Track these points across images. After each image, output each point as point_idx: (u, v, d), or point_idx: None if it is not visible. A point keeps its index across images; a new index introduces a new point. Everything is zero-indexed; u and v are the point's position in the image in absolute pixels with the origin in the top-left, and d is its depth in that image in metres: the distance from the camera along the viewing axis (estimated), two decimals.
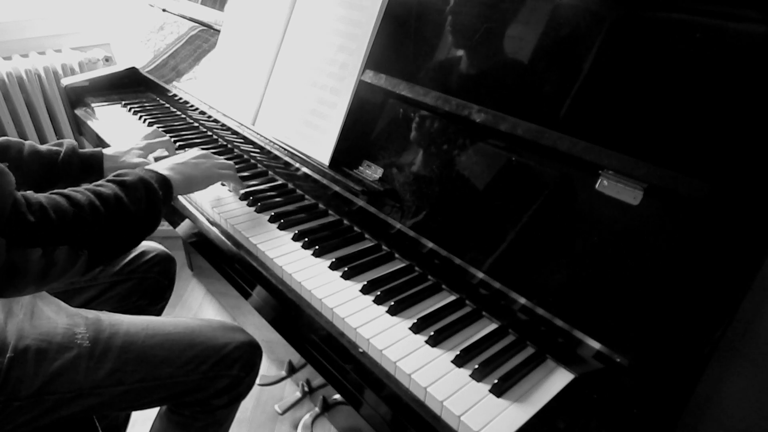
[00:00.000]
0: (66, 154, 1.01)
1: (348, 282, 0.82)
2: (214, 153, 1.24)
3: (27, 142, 1.00)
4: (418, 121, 0.88)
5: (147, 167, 0.87)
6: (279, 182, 1.13)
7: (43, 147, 1.02)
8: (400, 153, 0.89)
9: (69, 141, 1.05)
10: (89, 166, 1.04)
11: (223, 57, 1.25)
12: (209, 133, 1.36)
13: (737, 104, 0.58)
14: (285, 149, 1.04)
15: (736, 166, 0.57)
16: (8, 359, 0.74)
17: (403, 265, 0.87)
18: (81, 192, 0.71)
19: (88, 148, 1.07)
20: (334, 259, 0.85)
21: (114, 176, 0.78)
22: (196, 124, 1.42)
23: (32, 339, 0.78)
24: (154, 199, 0.80)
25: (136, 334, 0.86)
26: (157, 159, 1.17)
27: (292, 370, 1.53)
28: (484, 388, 0.64)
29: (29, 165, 0.98)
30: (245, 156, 1.23)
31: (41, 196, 0.66)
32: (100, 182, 0.76)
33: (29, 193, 0.65)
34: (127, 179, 0.77)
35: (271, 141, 1.07)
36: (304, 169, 1.02)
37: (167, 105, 1.55)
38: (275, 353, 1.65)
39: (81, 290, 1.06)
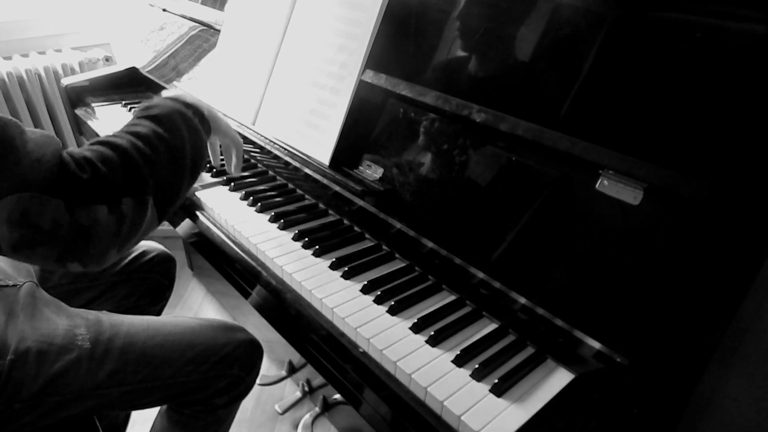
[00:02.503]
0: None
1: (348, 282, 0.82)
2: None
3: None
4: (418, 121, 0.88)
5: (166, 95, 0.80)
6: (279, 182, 1.13)
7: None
8: (401, 153, 0.89)
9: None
10: None
11: (224, 57, 1.25)
12: None
13: (737, 104, 0.58)
14: (285, 149, 1.04)
15: (736, 167, 0.57)
16: (9, 361, 0.74)
17: (403, 265, 0.87)
18: (120, 137, 0.67)
19: None
20: (334, 259, 0.85)
21: (142, 113, 0.73)
22: None
23: (33, 341, 0.78)
24: (191, 126, 0.75)
25: (137, 335, 0.86)
26: None
27: (292, 369, 1.53)
28: (484, 387, 0.64)
29: None
30: (245, 156, 1.23)
31: (84, 150, 0.64)
32: (132, 122, 0.72)
33: (71, 149, 0.63)
34: (158, 112, 0.73)
35: (271, 141, 1.07)
36: (305, 169, 1.02)
37: None
38: (275, 353, 1.65)
39: (81, 291, 1.06)
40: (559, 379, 0.67)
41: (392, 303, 0.76)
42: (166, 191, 0.70)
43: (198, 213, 1.03)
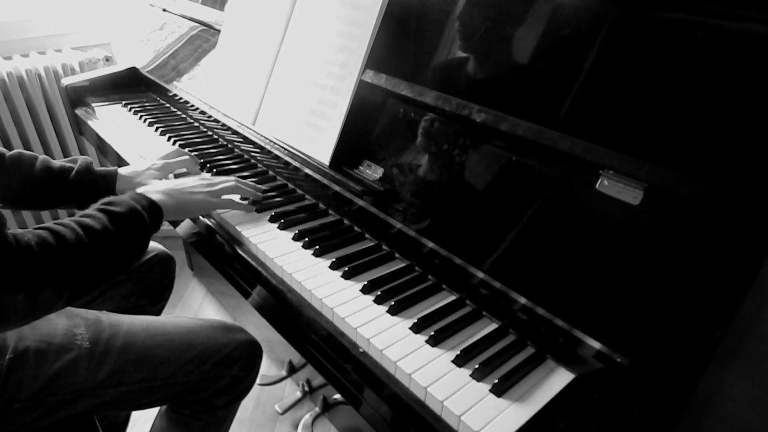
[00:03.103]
0: (78, 172, 0.99)
1: (348, 282, 0.82)
2: (214, 153, 1.25)
3: (41, 157, 0.98)
4: (419, 121, 0.88)
5: (140, 190, 0.85)
6: (279, 182, 1.13)
7: (57, 163, 1.00)
8: (401, 153, 0.89)
9: (84, 158, 1.02)
10: (101, 185, 1.02)
11: (224, 57, 1.25)
12: (209, 133, 1.36)
13: (737, 104, 0.58)
14: (285, 149, 1.04)
15: (736, 166, 0.57)
16: (8, 361, 0.74)
17: (403, 264, 0.87)
18: (70, 228, 0.69)
19: (104, 167, 1.04)
20: (334, 259, 0.85)
21: (104, 204, 0.77)
22: (196, 124, 1.42)
23: (32, 340, 0.78)
24: (142, 230, 0.78)
25: (136, 335, 0.86)
26: (177, 175, 1.13)
27: (292, 369, 1.53)
28: (484, 387, 0.64)
29: (39, 180, 0.97)
30: (245, 156, 1.23)
31: (30, 236, 0.65)
32: (90, 212, 0.75)
33: (21, 232, 0.64)
34: (118, 210, 0.75)
35: (271, 141, 1.07)
36: (305, 169, 1.02)
37: (168, 105, 1.55)
38: (275, 353, 1.65)
39: None
40: (559, 379, 0.67)
41: (392, 303, 0.76)
42: (86, 285, 0.72)
43: None
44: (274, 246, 0.89)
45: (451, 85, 0.85)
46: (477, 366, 0.66)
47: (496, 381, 0.64)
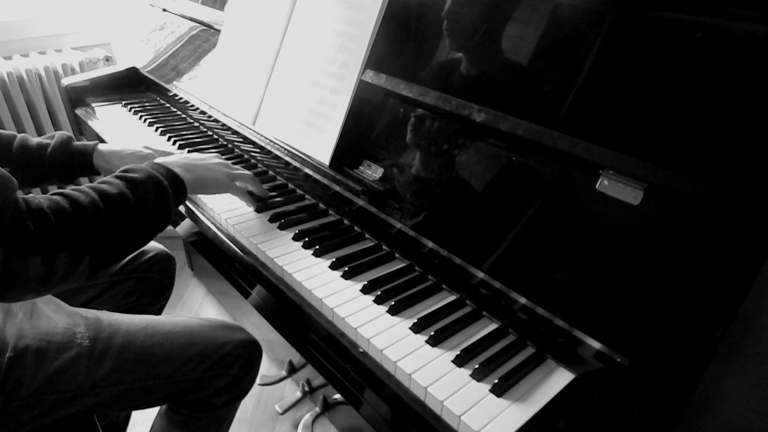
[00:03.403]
0: (54, 148, 0.99)
1: (348, 282, 0.82)
2: (215, 152, 1.25)
3: (19, 135, 0.98)
4: (419, 121, 0.88)
5: (158, 161, 0.84)
6: (279, 182, 1.13)
7: (34, 140, 0.99)
8: (401, 153, 0.89)
9: (61, 133, 1.02)
10: (79, 160, 1.01)
11: (224, 57, 1.25)
12: (209, 133, 1.36)
13: (737, 104, 0.58)
14: (285, 149, 1.04)
15: (736, 166, 0.57)
16: (8, 359, 0.74)
17: (403, 264, 0.87)
18: (85, 193, 0.69)
19: (83, 142, 1.03)
20: (334, 259, 0.85)
21: (122, 172, 0.76)
22: (196, 124, 1.42)
23: (32, 339, 0.78)
24: (163, 199, 0.78)
25: (136, 334, 0.86)
26: None
27: (292, 369, 1.53)
28: (484, 387, 0.64)
29: (17, 159, 0.96)
30: (245, 156, 1.23)
31: (43, 200, 0.64)
32: (107, 179, 0.74)
33: (31, 196, 0.64)
34: (136, 176, 0.75)
35: (271, 141, 1.07)
36: (305, 169, 1.02)
37: (168, 105, 1.56)
38: (275, 353, 1.65)
39: (81, 290, 1.06)
40: (559, 379, 0.67)
41: (392, 303, 0.76)
42: (106, 253, 0.71)
43: (198, 213, 1.03)
44: (273, 246, 0.89)
45: (451, 85, 0.85)
46: (477, 366, 0.66)
47: (496, 381, 0.64)
